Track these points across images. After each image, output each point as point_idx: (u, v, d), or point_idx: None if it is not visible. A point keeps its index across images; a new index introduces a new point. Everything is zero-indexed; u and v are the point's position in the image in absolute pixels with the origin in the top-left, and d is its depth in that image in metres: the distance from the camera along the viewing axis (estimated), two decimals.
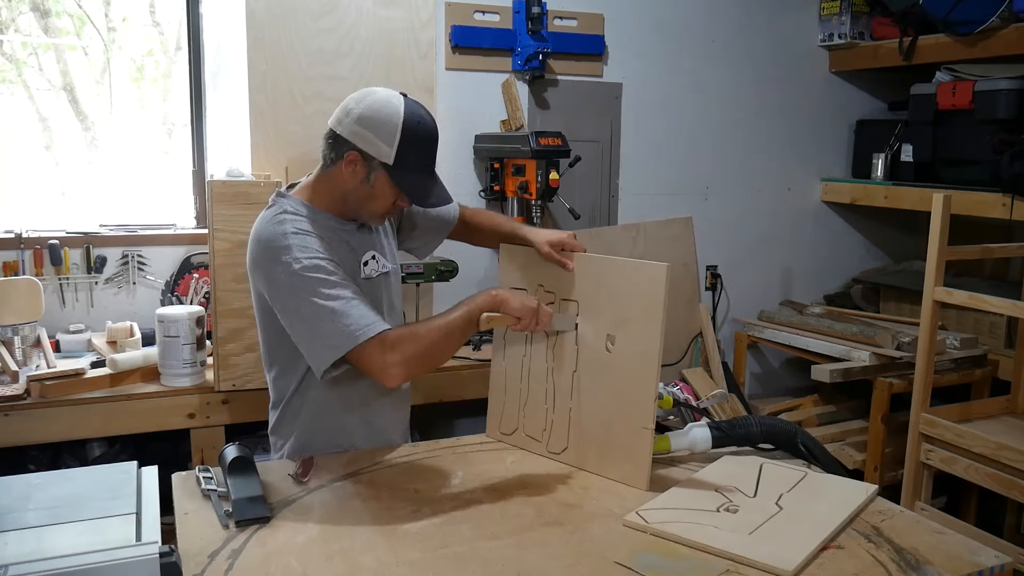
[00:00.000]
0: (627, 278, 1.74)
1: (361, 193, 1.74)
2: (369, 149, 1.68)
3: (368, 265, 1.84)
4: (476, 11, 3.13)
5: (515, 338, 1.94)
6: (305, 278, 1.66)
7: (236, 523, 1.51)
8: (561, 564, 1.40)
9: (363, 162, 1.70)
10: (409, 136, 1.67)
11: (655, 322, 1.67)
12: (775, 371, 3.93)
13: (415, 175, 1.72)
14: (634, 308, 1.71)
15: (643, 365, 1.70)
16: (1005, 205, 2.93)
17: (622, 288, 1.74)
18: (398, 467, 1.81)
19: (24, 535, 1.33)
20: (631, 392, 1.72)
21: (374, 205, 1.76)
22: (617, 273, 1.76)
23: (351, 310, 1.66)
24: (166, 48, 3.05)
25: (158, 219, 2.95)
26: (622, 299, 1.74)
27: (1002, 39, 3.01)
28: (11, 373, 2.39)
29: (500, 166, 3.06)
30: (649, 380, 1.69)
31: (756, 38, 3.66)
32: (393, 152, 1.67)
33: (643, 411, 1.70)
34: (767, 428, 1.88)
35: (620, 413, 1.73)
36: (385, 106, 1.68)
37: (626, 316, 1.73)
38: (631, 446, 1.71)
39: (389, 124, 1.66)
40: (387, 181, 1.71)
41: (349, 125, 1.70)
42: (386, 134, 1.67)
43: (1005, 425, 2.72)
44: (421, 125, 1.69)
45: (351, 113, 1.70)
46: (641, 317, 1.70)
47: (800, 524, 1.53)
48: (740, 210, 3.76)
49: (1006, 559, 1.45)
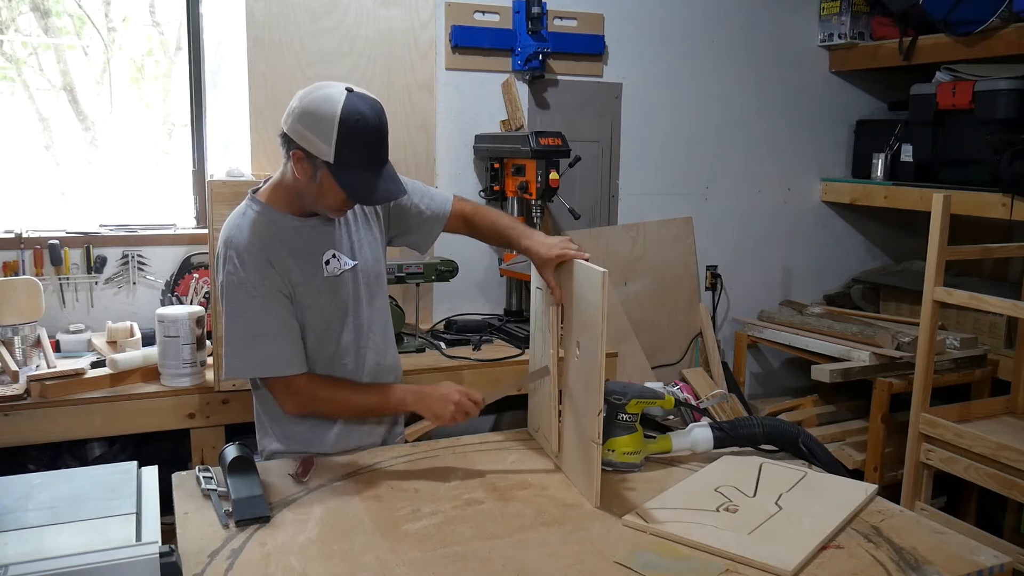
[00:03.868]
0: (582, 282, 1.69)
1: (311, 191, 1.74)
2: (310, 148, 1.68)
3: (330, 264, 1.84)
4: (476, 11, 3.13)
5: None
6: (236, 294, 1.77)
7: (236, 523, 1.51)
8: (561, 564, 1.40)
9: (308, 160, 1.70)
10: (346, 134, 1.64)
11: (596, 329, 1.59)
12: (775, 371, 3.93)
13: (357, 172, 1.69)
14: (588, 314, 1.65)
15: (591, 374, 1.62)
16: (1005, 205, 2.94)
17: (581, 293, 1.70)
18: (398, 467, 1.81)
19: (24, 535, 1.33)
20: (582, 402, 1.67)
21: (325, 201, 1.75)
22: (577, 277, 1.71)
23: (268, 343, 1.77)
24: (166, 48, 3.05)
25: (158, 219, 2.95)
26: (581, 304, 1.69)
27: (1002, 39, 3.01)
28: (11, 373, 2.39)
29: (500, 166, 3.06)
30: (594, 390, 1.60)
31: (756, 38, 3.66)
32: (332, 150, 1.65)
33: (591, 423, 1.61)
34: (769, 429, 1.88)
35: (581, 424, 1.69)
36: (323, 103, 1.65)
37: (583, 322, 1.68)
38: (586, 458, 1.65)
39: (326, 122, 1.64)
40: (331, 178, 1.69)
41: (292, 124, 1.69)
42: (324, 132, 1.65)
43: (1005, 425, 2.72)
44: (360, 122, 1.65)
45: (293, 112, 1.70)
46: (591, 323, 1.63)
47: (800, 524, 1.53)
48: (740, 210, 3.76)
49: (1006, 559, 1.45)
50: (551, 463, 1.84)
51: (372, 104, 1.69)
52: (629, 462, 1.79)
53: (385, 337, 1.99)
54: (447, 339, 2.85)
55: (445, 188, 3.08)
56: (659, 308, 3.56)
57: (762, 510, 1.58)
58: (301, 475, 1.72)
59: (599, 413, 1.59)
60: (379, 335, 1.96)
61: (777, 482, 1.71)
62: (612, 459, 1.78)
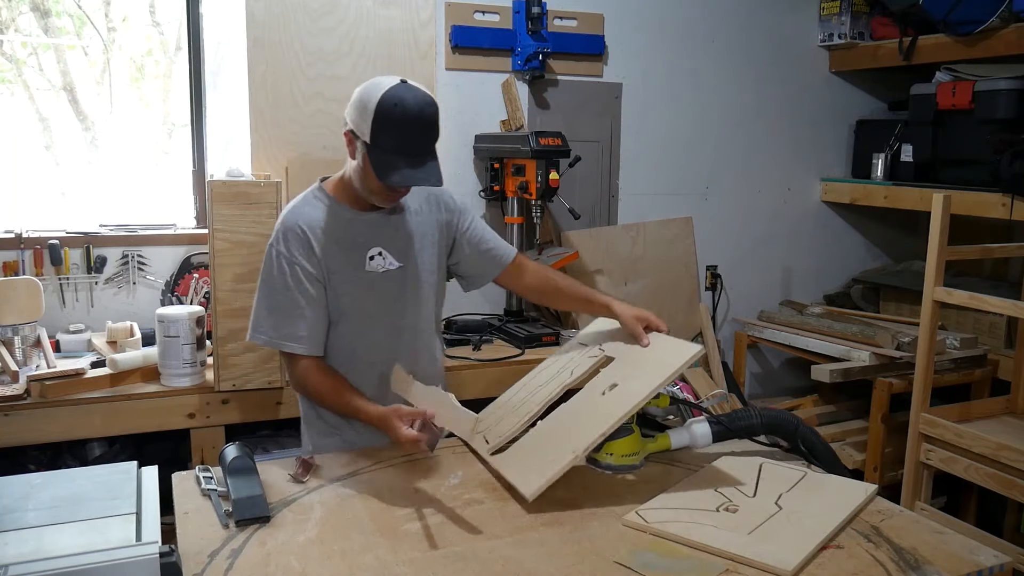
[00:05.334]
0: (662, 346, 1.85)
1: (358, 171, 1.83)
2: (355, 128, 1.79)
3: (374, 260, 1.89)
4: (476, 11, 3.13)
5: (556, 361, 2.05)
6: (270, 264, 1.86)
7: (236, 523, 1.51)
8: (561, 564, 1.40)
9: (354, 140, 1.81)
10: (381, 116, 1.73)
11: (659, 377, 1.72)
12: (775, 371, 3.93)
13: (388, 155, 1.76)
14: (650, 367, 1.78)
15: (618, 407, 1.70)
16: (1005, 205, 2.93)
17: (651, 355, 1.85)
18: (398, 467, 1.81)
19: (24, 535, 1.32)
20: (588, 421, 1.71)
21: (367, 184, 1.83)
22: (658, 342, 1.88)
23: (282, 317, 1.84)
24: (166, 48, 3.05)
25: (158, 219, 2.96)
26: (646, 362, 1.82)
27: (1002, 39, 3.01)
28: (11, 373, 2.39)
29: (500, 166, 3.06)
30: (612, 417, 1.68)
31: (756, 38, 3.66)
32: (369, 130, 1.74)
33: (586, 438, 1.66)
34: (768, 420, 1.88)
35: (563, 435, 1.72)
36: (372, 88, 1.76)
37: (638, 373, 1.79)
38: (551, 460, 1.66)
39: (368, 103, 1.74)
40: (367, 158, 1.78)
41: (348, 108, 1.82)
42: (366, 113, 1.75)
43: (1005, 425, 2.72)
44: (397, 107, 1.72)
45: (352, 96, 1.82)
46: (650, 373, 1.75)
47: (799, 524, 1.53)
48: (740, 210, 3.76)
49: (1006, 559, 1.45)
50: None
51: (419, 96, 1.76)
52: (628, 464, 1.79)
53: (425, 346, 2.01)
54: (447, 339, 2.85)
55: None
56: (659, 308, 3.51)
57: (762, 510, 1.58)
58: (301, 475, 1.72)
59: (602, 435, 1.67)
60: (416, 341, 1.98)
61: (777, 482, 1.71)
62: (611, 462, 1.79)
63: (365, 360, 1.93)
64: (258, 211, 2.39)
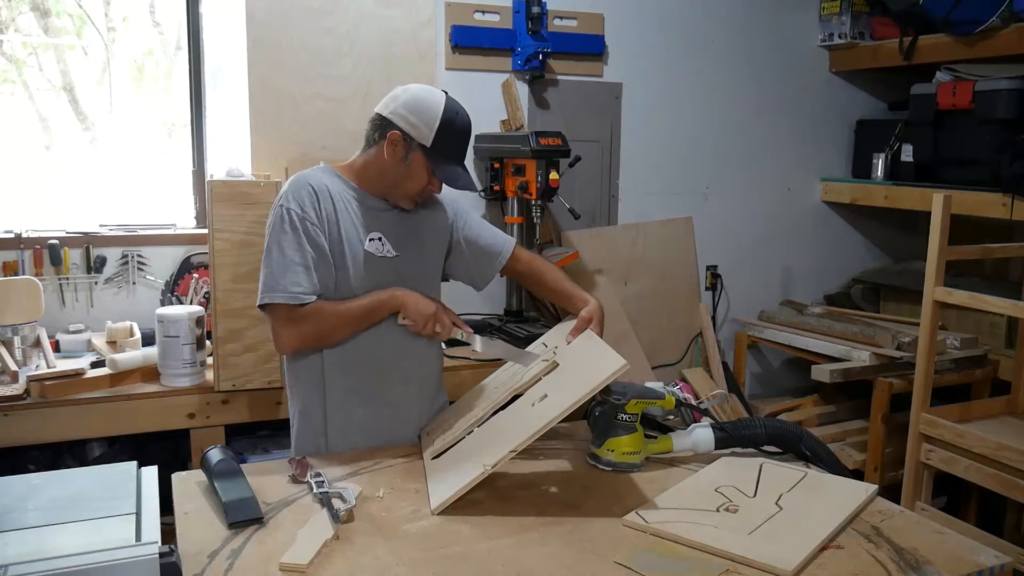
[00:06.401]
0: (599, 355, 1.77)
1: (398, 171, 1.88)
2: (411, 131, 1.85)
3: (373, 242, 1.90)
4: (476, 11, 3.13)
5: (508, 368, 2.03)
6: (287, 220, 1.83)
7: (229, 525, 1.50)
8: (561, 564, 1.40)
9: (404, 142, 1.86)
10: (447, 124, 1.85)
11: (581, 392, 1.63)
12: (775, 371, 3.93)
13: (448, 161, 1.88)
14: (577, 381, 1.69)
15: (537, 421, 1.63)
16: (1005, 205, 2.93)
17: (585, 366, 1.76)
18: (398, 467, 1.81)
19: (24, 535, 1.32)
20: (509, 435, 1.67)
21: (408, 184, 1.89)
22: (594, 352, 1.81)
23: (285, 268, 1.80)
24: (166, 48, 3.05)
25: (158, 219, 2.96)
26: (576, 375, 1.74)
27: (1002, 39, 3.01)
28: (11, 373, 2.39)
29: (500, 166, 3.06)
30: (525, 433, 1.61)
31: (756, 38, 3.66)
32: (432, 136, 1.84)
33: (498, 452, 1.61)
34: (772, 430, 1.86)
35: (484, 447, 1.69)
36: (429, 95, 1.88)
37: (565, 386, 1.71)
38: (464, 473, 1.63)
39: (432, 111, 1.84)
40: (423, 162, 1.87)
41: (396, 109, 1.86)
42: (428, 119, 1.84)
43: (1005, 425, 2.72)
44: (458, 117, 1.88)
45: (398, 99, 1.88)
46: (571, 389, 1.66)
47: (800, 524, 1.53)
48: (740, 210, 3.76)
49: (1006, 559, 1.45)
50: (551, 463, 1.84)
51: (463, 110, 1.91)
52: (629, 462, 1.79)
53: (423, 342, 1.98)
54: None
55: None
56: (659, 308, 3.56)
57: (762, 510, 1.58)
58: (300, 475, 1.72)
59: (512, 452, 1.60)
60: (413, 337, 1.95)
61: (777, 482, 1.71)
62: (612, 459, 1.78)
63: (360, 357, 1.90)
64: (258, 211, 2.39)
